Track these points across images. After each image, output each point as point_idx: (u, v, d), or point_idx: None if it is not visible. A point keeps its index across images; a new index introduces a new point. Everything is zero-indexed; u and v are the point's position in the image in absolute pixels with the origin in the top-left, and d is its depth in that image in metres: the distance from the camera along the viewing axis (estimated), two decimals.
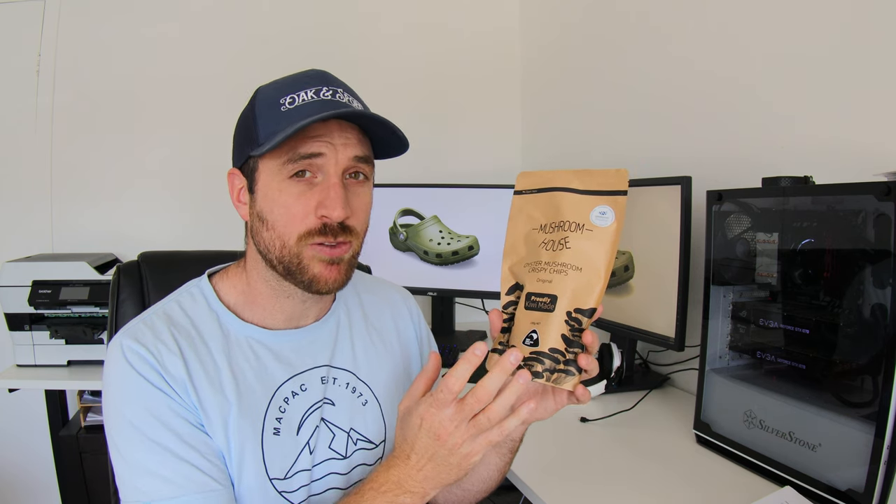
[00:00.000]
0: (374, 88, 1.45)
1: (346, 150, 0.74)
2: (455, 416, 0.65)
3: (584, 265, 0.67)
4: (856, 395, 0.87)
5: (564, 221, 0.70)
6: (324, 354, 0.84)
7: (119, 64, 2.06)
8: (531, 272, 0.71)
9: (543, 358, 0.67)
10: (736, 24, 1.36)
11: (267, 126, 0.73)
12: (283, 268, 0.75)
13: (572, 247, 0.68)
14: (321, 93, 0.73)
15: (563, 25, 2.09)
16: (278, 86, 0.76)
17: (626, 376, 1.48)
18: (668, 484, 1.03)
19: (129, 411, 0.71)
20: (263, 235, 0.75)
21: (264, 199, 0.75)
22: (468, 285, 1.95)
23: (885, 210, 0.82)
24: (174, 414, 0.71)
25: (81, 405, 1.79)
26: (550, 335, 0.67)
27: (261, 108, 0.75)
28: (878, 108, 1.06)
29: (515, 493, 1.09)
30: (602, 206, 0.69)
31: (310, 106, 0.72)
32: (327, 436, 0.81)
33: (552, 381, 0.67)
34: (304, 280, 0.75)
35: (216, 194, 0.73)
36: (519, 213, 0.75)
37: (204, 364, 0.75)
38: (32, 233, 2.04)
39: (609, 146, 1.86)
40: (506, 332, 0.72)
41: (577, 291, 0.67)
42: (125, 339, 0.73)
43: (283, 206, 0.73)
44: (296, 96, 0.73)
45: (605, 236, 0.68)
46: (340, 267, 0.76)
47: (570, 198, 0.70)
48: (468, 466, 0.68)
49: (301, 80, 0.75)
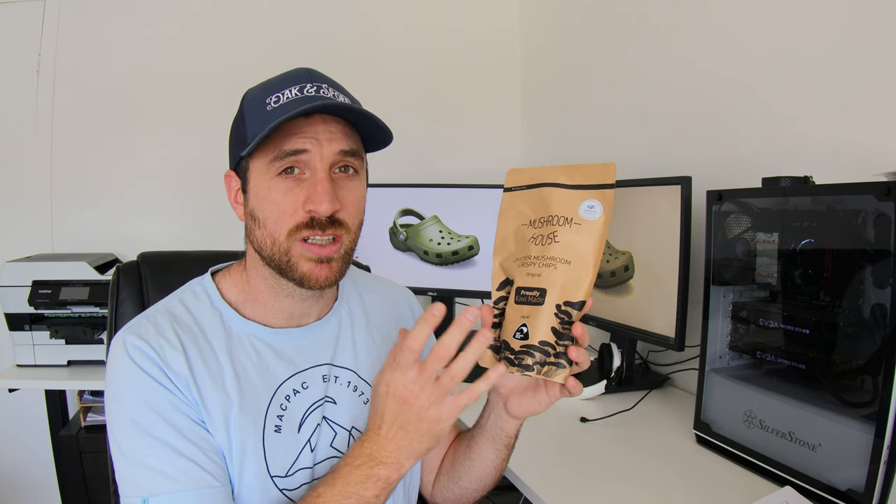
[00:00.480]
0: (374, 88, 1.47)
1: (331, 144, 0.74)
2: (419, 377, 0.65)
3: (573, 258, 0.68)
4: (856, 395, 0.87)
5: (553, 216, 0.70)
6: (325, 353, 0.84)
7: (119, 64, 2.06)
8: (521, 267, 0.71)
9: (534, 351, 0.67)
10: (736, 24, 1.36)
11: (254, 126, 0.73)
12: (274, 265, 0.76)
13: (561, 240, 0.69)
14: (305, 89, 0.74)
15: (563, 25, 2.09)
16: (265, 86, 0.77)
17: (626, 376, 1.48)
18: (668, 484, 1.03)
19: (129, 406, 0.71)
20: (256, 234, 0.76)
21: (255, 197, 0.76)
22: (468, 285, 1.95)
23: (885, 210, 0.82)
24: (175, 409, 0.71)
25: (81, 405, 1.79)
26: (540, 328, 0.67)
27: (248, 110, 0.76)
28: (878, 108, 1.06)
29: (515, 493, 1.09)
30: (590, 200, 0.69)
31: (293, 103, 0.72)
32: (329, 434, 0.81)
33: (543, 373, 0.67)
34: (296, 277, 0.75)
35: (216, 194, 0.73)
36: (508, 209, 0.75)
37: (206, 361, 0.75)
38: (32, 233, 2.04)
39: (609, 146, 1.86)
40: (497, 328, 0.72)
41: (567, 284, 0.68)
42: (128, 336, 0.74)
43: (272, 203, 0.74)
44: (280, 95, 0.74)
45: (593, 229, 0.68)
46: (332, 264, 0.76)
47: (559, 193, 0.71)
48: (438, 432, 0.67)
49: (286, 79, 0.76)
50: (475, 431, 0.86)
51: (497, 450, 0.84)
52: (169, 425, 0.70)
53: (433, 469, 0.94)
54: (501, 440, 0.83)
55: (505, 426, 0.81)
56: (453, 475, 0.90)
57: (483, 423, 0.84)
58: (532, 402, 0.76)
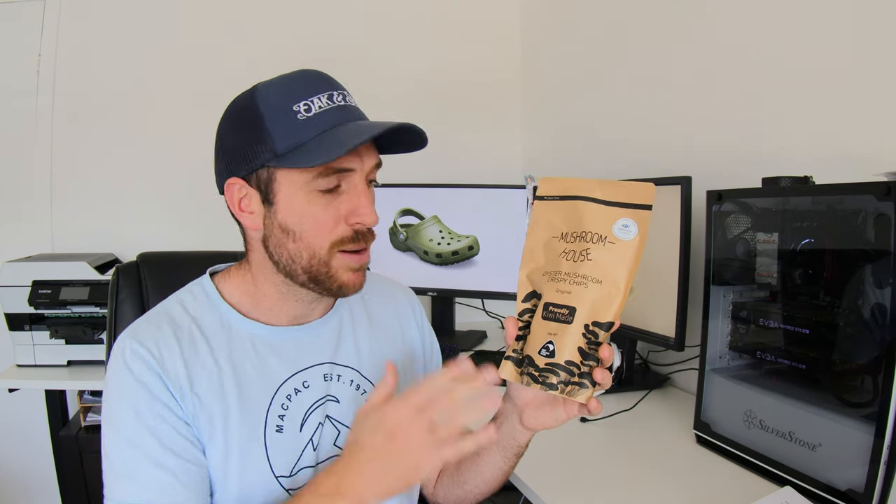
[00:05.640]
0: (375, 88, 1.47)
1: (369, 160, 0.76)
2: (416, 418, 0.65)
3: (605, 278, 0.67)
4: (856, 395, 0.87)
5: (586, 232, 0.69)
6: (326, 351, 0.84)
7: (119, 64, 2.06)
8: (550, 281, 0.70)
9: (559, 370, 0.66)
10: (736, 24, 1.36)
11: (287, 136, 0.70)
12: (308, 277, 0.75)
13: (594, 259, 0.68)
14: (333, 98, 0.73)
15: (563, 25, 2.09)
16: (284, 91, 0.73)
17: (626, 376, 1.48)
18: (667, 484, 1.03)
19: (116, 410, 0.72)
20: (289, 247, 0.74)
21: (289, 210, 0.73)
22: (468, 285, 1.95)
23: (885, 210, 0.82)
24: (160, 419, 0.71)
25: (81, 405, 1.79)
26: (567, 347, 0.67)
27: (272, 114, 0.71)
28: (877, 108, 1.06)
29: (515, 493, 1.09)
30: (625, 219, 0.68)
31: (330, 114, 0.72)
32: (332, 433, 0.81)
33: (566, 393, 0.66)
34: (333, 287, 0.76)
35: (216, 195, 0.73)
36: (540, 218, 0.74)
37: (205, 363, 0.75)
38: (32, 233, 2.04)
39: (609, 145, 1.86)
40: (520, 340, 0.71)
41: (597, 304, 0.67)
42: (127, 340, 0.74)
43: (311, 217, 0.73)
44: (310, 103, 0.71)
45: (627, 250, 0.67)
46: (364, 271, 0.79)
47: (593, 208, 0.70)
48: (411, 479, 0.66)
49: (305, 83, 0.73)
50: None
51: (506, 458, 0.83)
52: (150, 434, 0.70)
53: (436, 469, 0.94)
54: (512, 449, 0.82)
55: (518, 436, 0.80)
56: (458, 478, 0.90)
57: None
58: (549, 416, 0.75)
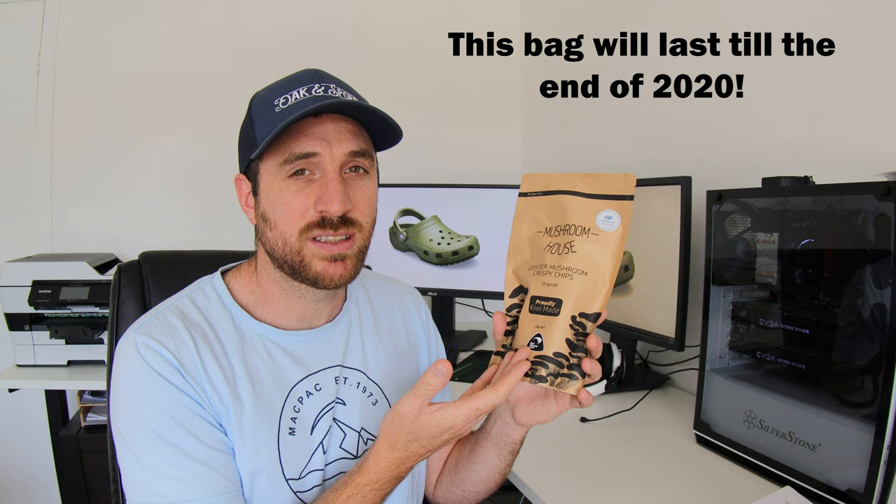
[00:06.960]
0: (375, 88, 1.45)
1: (340, 145, 0.73)
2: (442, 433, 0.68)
3: (590, 269, 0.67)
4: (856, 395, 0.87)
5: (570, 225, 0.70)
6: (337, 354, 0.84)
7: (119, 63, 2.06)
8: (536, 275, 0.71)
9: (547, 362, 0.66)
10: (736, 24, 1.36)
11: (263, 128, 0.73)
12: (287, 266, 0.75)
13: (578, 251, 0.68)
14: (313, 90, 0.73)
15: (563, 24, 2.09)
16: (272, 88, 0.77)
17: (626, 376, 1.48)
18: (668, 484, 1.03)
19: (144, 411, 0.70)
20: (268, 235, 0.76)
21: (266, 199, 0.75)
22: (468, 285, 1.95)
23: (885, 210, 0.82)
24: (191, 413, 0.71)
25: (81, 405, 1.79)
26: (555, 339, 0.67)
27: (256, 112, 0.75)
28: (878, 108, 1.06)
29: (515, 493, 1.09)
30: (608, 211, 0.69)
31: (301, 103, 0.72)
32: (339, 435, 0.81)
33: (556, 385, 0.66)
34: (309, 277, 0.75)
35: (217, 194, 0.73)
36: (524, 215, 0.74)
37: (220, 362, 0.75)
38: (32, 233, 2.04)
39: (609, 146, 1.86)
40: (509, 335, 0.72)
41: (583, 296, 0.67)
42: (140, 336, 0.72)
43: (283, 204, 0.73)
44: (288, 96, 0.73)
45: (610, 241, 0.68)
46: (346, 262, 0.75)
47: (576, 201, 0.70)
48: None
49: (294, 80, 0.76)
50: (479, 435, 0.85)
51: (501, 455, 0.83)
52: (185, 430, 0.70)
53: (436, 470, 0.94)
54: (506, 446, 0.82)
55: (511, 433, 0.80)
56: (456, 477, 0.90)
57: (488, 428, 0.83)
58: (540, 411, 0.75)
